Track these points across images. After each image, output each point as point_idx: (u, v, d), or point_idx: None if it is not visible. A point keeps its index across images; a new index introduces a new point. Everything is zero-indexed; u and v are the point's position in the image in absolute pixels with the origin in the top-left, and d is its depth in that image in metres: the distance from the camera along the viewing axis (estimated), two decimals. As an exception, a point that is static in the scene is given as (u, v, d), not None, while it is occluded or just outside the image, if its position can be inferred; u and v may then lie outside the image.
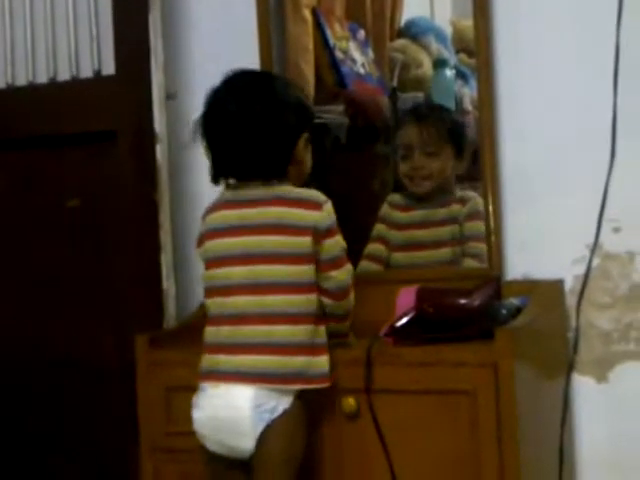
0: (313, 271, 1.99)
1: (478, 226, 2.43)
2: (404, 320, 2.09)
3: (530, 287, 2.25)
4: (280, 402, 1.95)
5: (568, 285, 2.36)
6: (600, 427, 2.35)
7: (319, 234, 1.99)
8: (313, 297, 2.00)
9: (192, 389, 2.02)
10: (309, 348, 1.97)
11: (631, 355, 2.33)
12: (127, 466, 2.43)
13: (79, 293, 2.73)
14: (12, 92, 2.84)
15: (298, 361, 1.95)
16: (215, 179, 2.07)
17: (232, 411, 1.95)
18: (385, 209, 2.59)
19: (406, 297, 2.18)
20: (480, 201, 2.43)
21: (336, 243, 2.02)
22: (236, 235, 2.01)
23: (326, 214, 2.01)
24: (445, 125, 2.55)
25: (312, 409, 2.02)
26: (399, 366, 2.02)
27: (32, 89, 2.82)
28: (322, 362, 1.98)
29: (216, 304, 2.03)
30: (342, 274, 2.03)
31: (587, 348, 2.36)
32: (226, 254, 2.02)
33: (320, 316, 2.01)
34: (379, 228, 2.59)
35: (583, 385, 2.36)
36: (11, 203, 2.82)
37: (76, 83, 2.76)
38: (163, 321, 2.56)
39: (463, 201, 2.50)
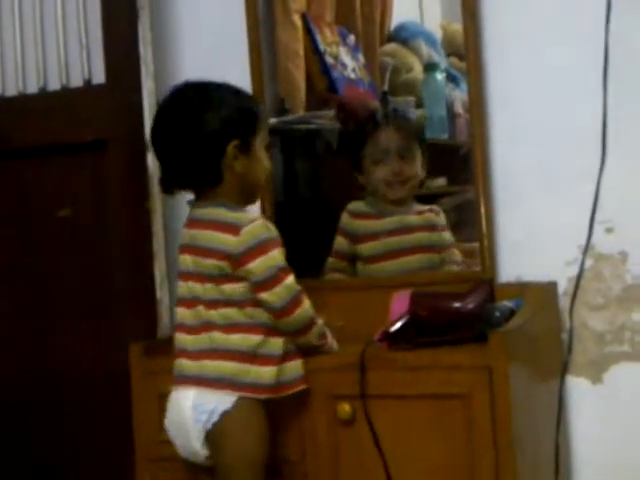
0: (245, 288, 2.00)
1: (448, 235, 2.50)
2: (398, 325, 2.09)
3: (523, 289, 2.25)
4: (220, 404, 1.97)
5: (561, 287, 2.37)
6: (595, 428, 2.35)
7: (234, 260, 1.99)
8: (250, 311, 2.00)
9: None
10: (248, 357, 1.98)
11: (625, 356, 2.33)
12: (126, 476, 2.42)
13: (72, 303, 2.72)
14: (2, 103, 2.83)
15: (230, 367, 1.97)
16: (164, 190, 2.11)
17: (179, 413, 2.01)
18: (345, 220, 2.56)
19: (400, 301, 2.18)
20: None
21: (260, 265, 1.98)
22: (185, 253, 2.07)
23: (243, 238, 1.99)
24: (415, 129, 2.59)
25: (304, 415, 2.04)
26: (393, 371, 2.01)
27: (22, 99, 2.81)
28: (261, 372, 1.98)
29: (175, 313, 2.10)
30: (272, 296, 1.99)
31: (581, 350, 2.36)
32: (181, 269, 2.09)
33: (271, 328, 2.01)
34: (340, 242, 2.56)
35: (578, 387, 2.36)
36: (2, 213, 2.81)
37: (66, 92, 2.76)
38: (157, 330, 2.55)
39: (434, 211, 2.53)
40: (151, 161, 2.57)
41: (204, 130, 2.01)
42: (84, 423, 2.69)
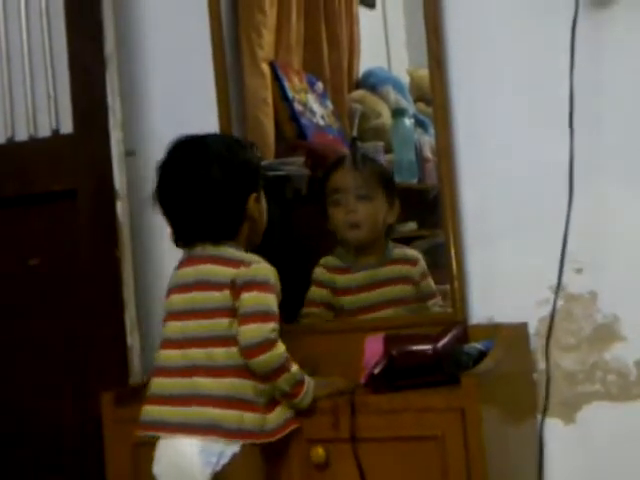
0: (234, 324, 2.00)
1: (431, 283, 2.48)
2: (380, 367, 2.09)
3: (495, 330, 2.26)
4: (228, 447, 1.96)
5: (532, 327, 2.37)
6: (570, 469, 2.34)
7: (236, 287, 2.00)
8: (230, 350, 1.99)
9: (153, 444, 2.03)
10: (238, 403, 1.97)
11: (597, 395, 2.33)
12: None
13: (43, 351, 2.69)
14: (-29, 154, 2.82)
15: (231, 415, 1.96)
16: (176, 244, 2.13)
17: (181, 458, 1.98)
18: (323, 274, 2.55)
19: (373, 345, 2.18)
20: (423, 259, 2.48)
21: (252, 298, 2.00)
22: (178, 292, 2.08)
23: (250, 270, 2.01)
24: (376, 170, 2.58)
25: (280, 459, 2.03)
26: (367, 414, 2.01)
27: (-10, 150, 2.81)
28: (262, 418, 1.98)
29: (158, 357, 2.09)
30: (246, 332, 1.98)
31: (553, 390, 2.35)
32: (170, 310, 2.09)
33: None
34: (319, 292, 2.55)
35: (551, 427, 2.36)
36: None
37: (34, 142, 2.76)
38: (129, 377, 2.54)
39: (411, 261, 2.51)
40: (120, 210, 2.57)
41: (232, 186, 2.06)
42: (55, 475, 2.66)
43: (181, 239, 2.11)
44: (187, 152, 2.11)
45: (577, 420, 2.35)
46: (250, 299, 1.99)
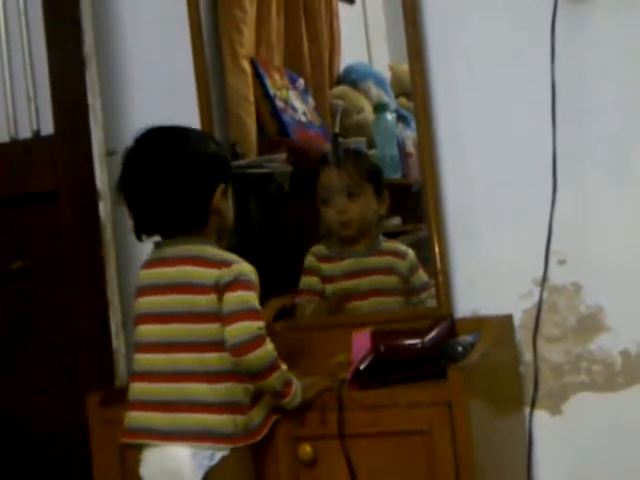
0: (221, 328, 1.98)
1: (422, 276, 2.47)
2: (366, 363, 2.09)
3: (479, 324, 2.26)
4: (219, 450, 1.94)
5: (517, 320, 2.38)
6: (557, 460, 2.35)
7: (220, 289, 1.97)
8: (222, 355, 1.96)
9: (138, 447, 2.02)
10: (232, 407, 1.96)
11: (583, 386, 2.34)
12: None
13: (28, 355, 2.69)
14: (-48, 157, 2.81)
15: (215, 419, 1.95)
16: (138, 237, 2.08)
17: (173, 462, 1.96)
18: (313, 262, 2.56)
19: (360, 341, 2.18)
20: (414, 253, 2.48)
21: (237, 297, 1.96)
22: (155, 294, 2.04)
23: (232, 270, 1.98)
24: (363, 165, 2.58)
25: (268, 458, 2.03)
26: (354, 411, 2.00)
27: (-28, 153, 2.80)
28: (244, 420, 1.97)
29: (137, 361, 2.05)
30: (233, 331, 1.95)
31: (539, 381, 2.36)
32: (146, 312, 2.05)
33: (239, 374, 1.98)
34: (311, 280, 2.55)
35: (538, 418, 2.36)
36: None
37: (15, 144, 2.75)
38: (114, 379, 2.53)
39: (400, 254, 2.51)
40: (103, 210, 2.56)
41: (197, 175, 2.01)
42: (42, 477, 2.65)
43: (144, 230, 2.06)
44: (152, 140, 2.07)
45: (563, 411, 2.36)
46: (234, 298, 1.96)
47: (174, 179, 2.00)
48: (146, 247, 2.46)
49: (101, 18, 2.70)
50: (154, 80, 2.70)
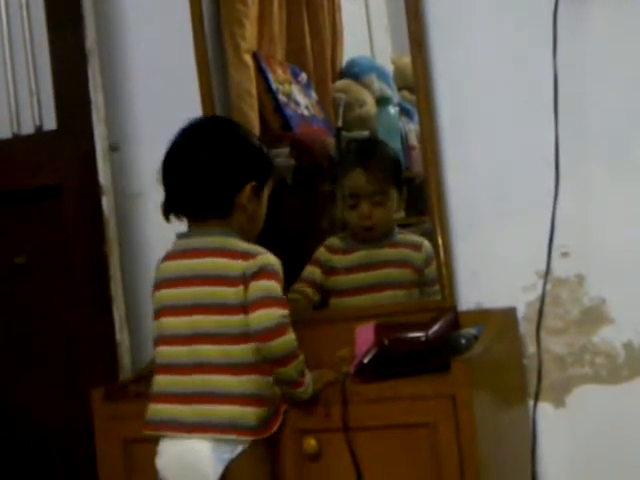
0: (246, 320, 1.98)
1: (434, 271, 2.44)
2: (370, 356, 2.09)
3: (483, 316, 2.27)
4: (239, 444, 1.95)
5: (520, 312, 2.38)
6: (560, 452, 2.35)
7: (246, 279, 1.98)
8: (248, 347, 1.97)
9: (150, 440, 2.02)
10: (256, 399, 1.96)
11: (587, 378, 2.34)
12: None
13: (32, 349, 2.69)
14: (-44, 152, 2.81)
15: (238, 411, 1.95)
16: (166, 215, 2.09)
17: (192, 455, 1.96)
18: (323, 253, 2.56)
19: (364, 334, 2.19)
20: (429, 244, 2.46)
21: (261, 286, 1.98)
22: (178, 286, 2.04)
23: (258, 261, 1.99)
24: (390, 167, 2.56)
25: (273, 451, 2.02)
26: (358, 404, 2.01)
27: (-25, 148, 2.80)
28: (263, 413, 1.97)
29: (160, 353, 2.05)
30: (259, 317, 1.96)
31: (543, 374, 2.36)
32: (169, 304, 2.05)
33: (261, 367, 1.99)
34: (313, 271, 2.55)
35: (541, 411, 2.36)
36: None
37: (18, 140, 2.75)
38: (119, 374, 2.53)
39: (415, 246, 2.50)
40: (106, 205, 2.57)
41: (231, 161, 2.05)
42: (47, 472, 2.66)
43: (171, 207, 2.07)
44: (201, 123, 2.14)
45: (567, 403, 2.36)
46: (259, 286, 1.98)
47: (207, 161, 2.04)
48: (151, 243, 2.47)
49: (103, 13, 2.70)
50: (156, 75, 2.70)
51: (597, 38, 2.31)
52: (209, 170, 2.04)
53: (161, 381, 2.04)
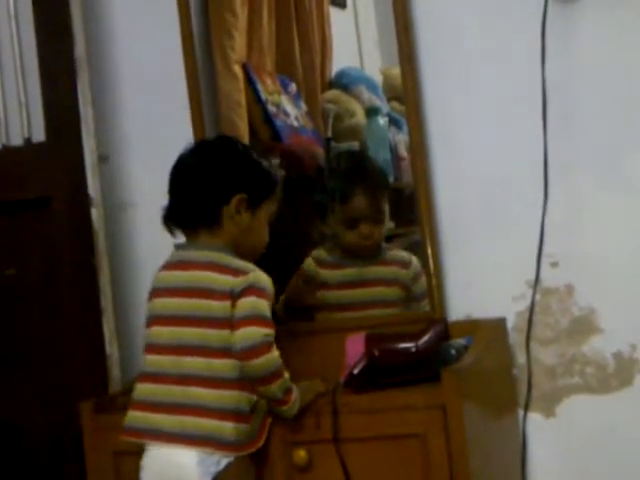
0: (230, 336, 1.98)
1: (424, 284, 2.43)
2: (360, 367, 2.09)
3: (473, 326, 2.27)
4: (224, 457, 1.94)
5: (510, 322, 2.38)
6: (551, 462, 2.35)
7: (234, 296, 1.98)
8: (231, 362, 1.97)
9: (140, 453, 2.01)
10: (235, 415, 1.96)
11: (577, 388, 2.35)
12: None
13: (22, 362, 2.68)
14: (-56, 164, 2.80)
15: (221, 426, 1.95)
16: (165, 223, 2.11)
17: (178, 468, 1.96)
18: (311, 265, 2.55)
19: (354, 345, 2.18)
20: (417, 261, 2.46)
21: (248, 303, 1.98)
22: (170, 296, 2.05)
23: (248, 278, 2.00)
24: (384, 184, 2.57)
25: (263, 463, 2.02)
26: (348, 415, 2.00)
27: (-37, 160, 2.79)
28: (246, 429, 1.97)
29: (147, 361, 2.06)
30: (242, 334, 1.96)
31: (533, 384, 2.36)
32: (160, 313, 2.06)
33: (243, 383, 1.98)
34: (295, 284, 2.53)
35: (531, 421, 2.37)
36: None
37: (7, 151, 2.74)
38: (108, 386, 2.53)
39: (404, 264, 2.49)
40: (95, 216, 2.56)
41: (218, 170, 2.07)
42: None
43: (168, 217, 2.10)
44: (203, 142, 2.22)
45: (557, 413, 2.36)
46: (247, 303, 1.98)
47: (195, 169, 2.08)
48: (141, 255, 2.47)
49: (92, 24, 2.70)
50: (146, 86, 2.70)
51: (585, 51, 2.32)
52: (196, 178, 2.07)
53: (144, 389, 2.04)
